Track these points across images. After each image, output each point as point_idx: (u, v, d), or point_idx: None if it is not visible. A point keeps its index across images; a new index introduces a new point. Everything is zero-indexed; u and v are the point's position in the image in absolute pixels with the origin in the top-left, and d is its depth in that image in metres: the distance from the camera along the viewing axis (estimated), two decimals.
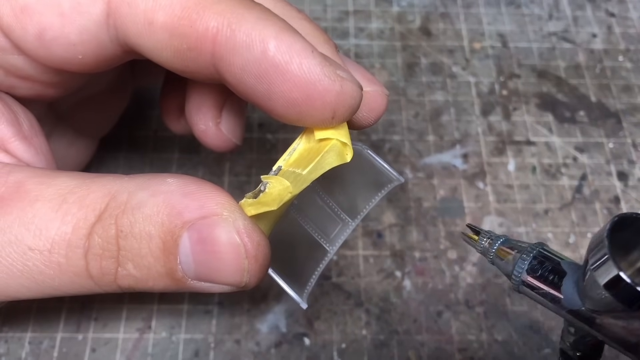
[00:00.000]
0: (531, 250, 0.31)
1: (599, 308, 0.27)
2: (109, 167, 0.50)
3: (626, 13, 0.61)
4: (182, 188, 0.27)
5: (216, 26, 0.26)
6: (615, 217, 0.26)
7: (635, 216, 0.26)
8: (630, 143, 0.53)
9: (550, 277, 0.30)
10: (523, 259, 0.30)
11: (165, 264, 0.27)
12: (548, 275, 0.30)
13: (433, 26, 0.60)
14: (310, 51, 0.26)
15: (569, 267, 0.29)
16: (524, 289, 0.31)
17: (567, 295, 0.29)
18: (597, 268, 0.26)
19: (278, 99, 0.27)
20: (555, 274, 0.30)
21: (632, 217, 0.26)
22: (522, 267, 0.30)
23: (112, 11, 0.28)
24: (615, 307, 0.26)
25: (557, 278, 0.29)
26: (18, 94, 0.33)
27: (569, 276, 0.29)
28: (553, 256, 0.30)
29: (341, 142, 0.29)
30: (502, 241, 0.33)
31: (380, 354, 0.43)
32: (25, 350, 0.42)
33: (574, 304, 0.29)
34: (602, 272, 0.26)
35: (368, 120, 0.32)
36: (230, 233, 0.27)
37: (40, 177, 0.29)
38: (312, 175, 0.28)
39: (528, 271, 0.30)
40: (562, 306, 0.29)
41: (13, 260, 0.27)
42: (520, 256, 0.31)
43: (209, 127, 0.38)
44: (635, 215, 0.26)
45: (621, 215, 0.26)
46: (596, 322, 0.28)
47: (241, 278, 0.28)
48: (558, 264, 0.30)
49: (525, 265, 0.30)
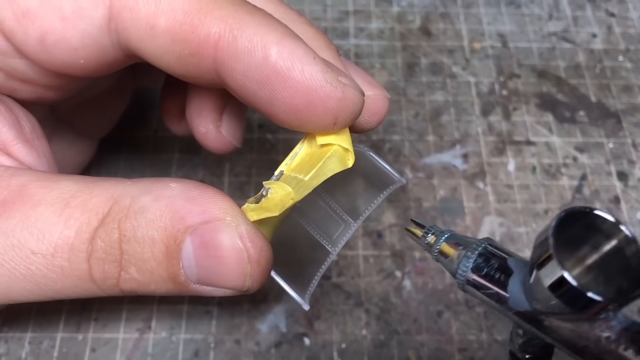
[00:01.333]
0: (476, 247, 0.29)
1: (545, 310, 0.26)
2: (109, 167, 0.50)
3: (626, 13, 0.61)
4: (184, 193, 0.27)
5: (218, 32, 0.26)
6: (562, 211, 0.24)
7: (584, 210, 0.25)
8: (630, 143, 0.53)
9: (496, 275, 0.28)
10: (468, 257, 0.29)
11: (167, 268, 0.27)
12: (494, 273, 0.28)
13: (433, 26, 0.60)
14: (312, 57, 0.26)
15: (516, 265, 0.28)
16: (469, 288, 0.29)
17: (514, 296, 0.27)
18: (542, 268, 0.24)
19: (280, 105, 0.27)
20: (501, 273, 0.28)
21: (581, 212, 0.25)
22: (467, 265, 0.29)
23: (113, 16, 0.28)
24: (562, 310, 0.24)
25: (503, 277, 0.28)
26: (20, 97, 0.33)
27: (515, 275, 0.28)
28: (500, 253, 0.29)
29: (343, 148, 0.29)
30: (447, 237, 0.31)
31: (380, 354, 0.43)
32: (25, 350, 0.42)
33: (521, 305, 0.27)
34: (547, 273, 0.24)
35: (370, 124, 0.33)
36: (233, 238, 0.27)
37: (42, 181, 0.29)
38: (314, 182, 0.28)
39: (473, 269, 0.29)
40: (509, 307, 0.28)
41: (16, 264, 0.27)
42: (465, 253, 0.29)
43: (210, 130, 0.38)
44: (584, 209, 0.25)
45: (569, 209, 0.25)
46: (544, 324, 0.27)
47: (243, 282, 0.28)
48: (505, 262, 0.28)
49: (470, 263, 0.29)
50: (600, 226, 0.25)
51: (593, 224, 0.25)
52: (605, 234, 0.25)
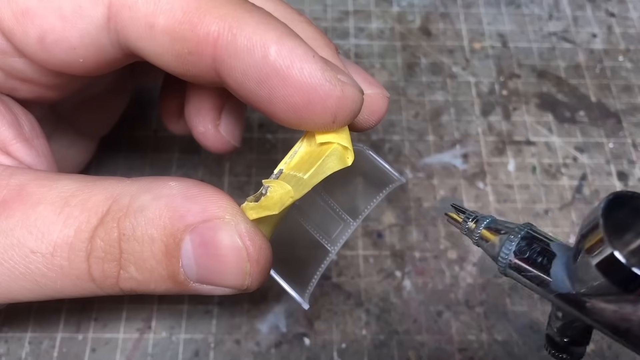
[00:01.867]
0: (519, 231, 0.29)
1: (590, 291, 0.26)
2: (108, 167, 0.50)
3: (626, 13, 0.61)
4: (184, 191, 0.27)
5: (217, 30, 0.26)
6: (610, 195, 0.25)
7: (631, 195, 0.25)
8: (630, 143, 0.53)
9: (538, 259, 0.28)
10: (510, 240, 0.29)
11: (167, 267, 0.27)
12: (537, 257, 0.28)
13: (433, 26, 0.60)
14: (312, 56, 0.26)
15: (558, 249, 0.28)
16: (510, 272, 0.29)
17: (557, 278, 0.27)
18: (591, 248, 0.24)
19: (279, 104, 0.27)
20: (544, 256, 0.28)
21: (628, 196, 0.25)
22: (509, 248, 0.29)
23: (113, 15, 0.28)
24: (608, 290, 0.24)
25: (546, 260, 0.28)
26: (19, 96, 0.33)
27: (558, 258, 0.28)
28: (542, 237, 0.29)
29: (342, 146, 0.29)
30: (488, 222, 0.31)
31: (380, 354, 0.43)
32: (25, 350, 0.42)
33: (564, 288, 0.27)
34: (595, 253, 0.24)
35: (369, 123, 0.33)
36: (233, 236, 0.27)
37: (42, 180, 0.29)
38: (313, 180, 0.28)
39: (515, 253, 0.29)
40: (551, 290, 0.28)
41: (15, 263, 0.27)
42: (507, 237, 0.29)
43: (208, 130, 0.38)
44: (632, 194, 0.25)
45: (616, 193, 0.25)
46: (586, 307, 0.27)
47: (243, 281, 0.28)
48: (547, 246, 0.28)
49: (513, 246, 0.29)
50: None
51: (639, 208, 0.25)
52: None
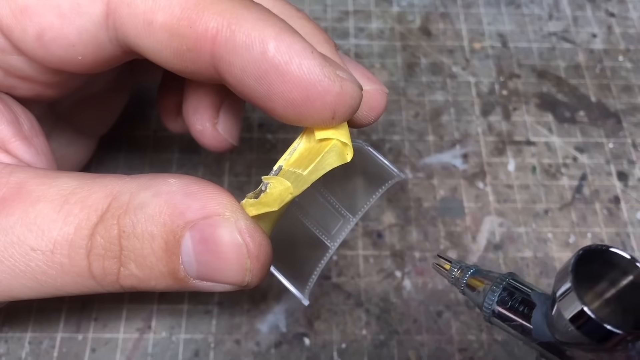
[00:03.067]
0: (501, 282, 0.31)
1: (567, 340, 0.27)
2: (108, 166, 0.50)
3: (626, 13, 0.61)
4: (184, 188, 0.27)
5: (216, 27, 0.26)
6: (580, 250, 0.26)
7: (601, 248, 0.27)
8: (630, 143, 0.53)
9: (520, 308, 0.30)
10: (493, 291, 0.31)
11: (167, 263, 0.27)
12: (518, 306, 0.30)
13: (433, 26, 0.60)
14: (310, 51, 0.26)
15: (538, 298, 0.30)
16: (495, 320, 0.31)
17: (537, 327, 0.29)
18: (563, 301, 0.26)
19: (278, 100, 0.27)
20: (525, 305, 0.30)
21: (599, 250, 0.27)
22: (492, 298, 0.31)
23: (111, 12, 0.28)
24: (582, 341, 0.26)
25: (527, 309, 0.30)
26: (18, 94, 0.33)
27: (538, 307, 0.29)
28: (523, 287, 0.31)
29: (341, 142, 0.29)
30: (473, 272, 0.33)
31: (380, 354, 0.43)
32: (25, 350, 0.42)
33: (544, 336, 0.29)
34: (567, 306, 0.26)
35: (368, 119, 0.32)
36: (233, 233, 0.27)
37: (41, 178, 0.29)
38: (312, 176, 0.28)
39: (498, 302, 0.30)
40: (533, 338, 0.29)
41: (16, 261, 0.27)
42: (490, 287, 0.31)
43: (206, 128, 0.38)
44: (602, 248, 0.27)
45: (586, 248, 0.26)
46: (566, 355, 0.28)
47: (243, 277, 0.28)
48: (528, 295, 0.30)
49: (495, 297, 0.31)
50: (617, 263, 0.27)
51: (610, 260, 0.27)
52: (622, 270, 0.27)
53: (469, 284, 0.33)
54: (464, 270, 0.33)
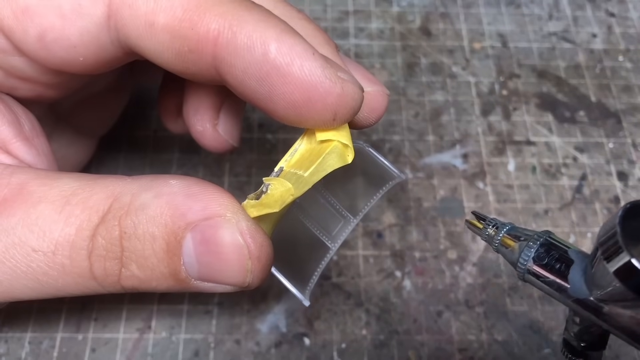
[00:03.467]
0: (538, 238, 0.30)
1: (607, 297, 0.27)
2: (108, 167, 0.50)
3: (626, 13, 0.61)
4: (185, 189, 0.27)
5: (217, 28, 0.26)
6: (627, 204, 0.25)
7: None
8: (630, 143, 0.53)
9: (557, 265, 0.29)
10: (529, 247, 0.30)
11: (168, 264, 0.27)
12: (555, 263, 0.29)
13: (433, 26, 0.60)
14: (312, 53, 0.26)
15: (576, 256, 0.29)
16: (529, 277, 0.30)
17: (574, 284, 0.28)
18: (608, 255, 0.25)
19: (279, 101, 0.27)
20: (562, 263, 0.29)
21: None
22: (528, 255, 0.30)
23: (112, 13, 0.28)
24: (625, 296, 0.25)
25: (564, 267, 0.29)
26: (19, 95, 0.33)
27: (576, 264, 0.29)
28: (560, 244, 0.30)
29: (342, 144, 0.29)
30: (508, 229, 0.32)
31: (380, 354, 0.43)
32: (25, 350, 0.42)
33: (581, 293, 0.28)
34: (613, 260, 0.25)
35: (369, 121, 0.33)
36: (234, 234, 0.27)
37: (42, 179, 0.29)
38: (313, 178, 0.28)
39: (534, 259, 0.30)
40: (569, 295, 0.29)
41: (17, 262, 0.27)
42: (526, 244, 0.30)
43: (206, 129, 0.38)
44: None
45: (633, 202, 0.26)
46: (603, 312, 0.28)
47: (244, 278, 0.28)
48: (565, 252, 0.29)
49: (532, 253, 0.30)
50: None
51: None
52: None
53: (503, 241, 0.32)
54: (499, 227, 0.32)
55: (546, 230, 0.31)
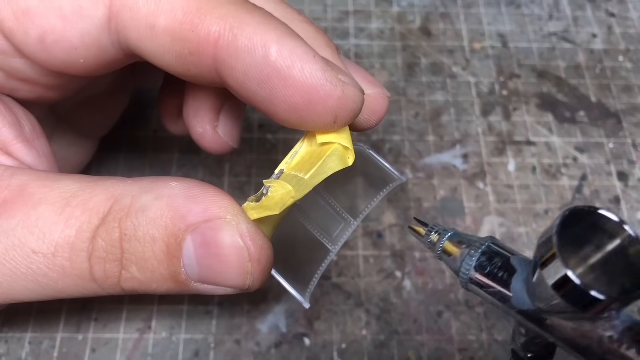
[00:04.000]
0: (479, 246, 0.29)
1: (549, 308, 0.26)
2: (108, 167, 0.50)
3: (626, 13, 0.61)
4: (185, 191, 0.27)
5: (218, 30, 0.26)
6: (566, 210, 0.25)
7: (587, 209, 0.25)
8: (630, 143, 0.53)
9: (499, 274, 0.28)
10: (471, 255, 0.29)
11: (168, 266, 0.27)
12: (497, 272, 0.28)
13: (433, 26, 0.60)
14: (312, 55, 0.26)
15: (519, 263, 0.28)
16: (472, 286, 0.29)
17: (517, 294, 0.27)
18: (546, 267, 0.24)
19: (280, 104, 0.27)
20: (504, 271, 0.28)
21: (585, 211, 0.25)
22: (469, 263, 0.29)
23: (113, 15, 0.28)
24: (565, 308, 0.24)
25: (506, 275, 0.28)
26: (19, 96, 0.33)
27: (518, 273, 0.28)
28: (503, 251, 0.29)
29: (343, 146, 0.29)
30: (450, 235, 0.31)
31: (380, 354, 0.43)
32: (25, 350, 0.42)
33: (524, 304, 0.27)
34: (550, 271, 0.24)
35: (369, 123, 0.33)
36: (234, 236, 0.27)
37: (43, 180, 0.29)
38: (314, 180, 0.28)
39: (476, 268, 0.29)
40: (511, 306, 0.28)
41: (17, 263, 0.27)
42: (468, 252, 0.29)
43: (206, 130, 0.38)
44: (588, 210, 0.25)
45: (572, 208, 0.25)
46: (546, 323, 0.27)
47: (244, 281, 0.28)
48: (508, 260, 0.28)
49: (473, 261, 0.29)
50: (603, 225, 0.25)
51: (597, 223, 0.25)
52: (608, 233, 0.25)
53: (445, 248, 0.31)
54: (441, 233, 0.31)
55: (490, 236, 0.30)
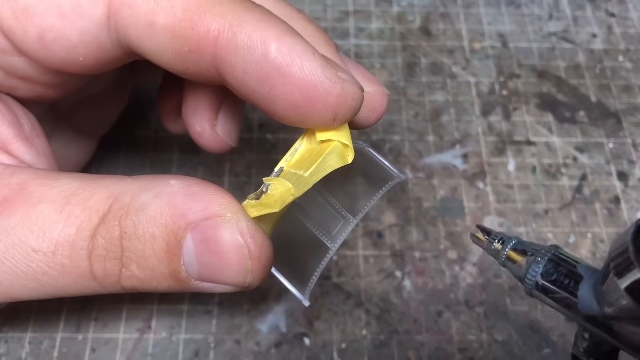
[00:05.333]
0: (545, 253, 0.30)
1: (617, 314, 0.26)
2: (108, 166, 0.50)
3: (626, 13, 0.61)
4: (185, 189, 0.27)
5: (217, 28, 0.26)
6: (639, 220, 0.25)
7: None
8: (630, 143, 0.53)
9: (565, 281, 0.29)
10: (537, 262, 0.30)
11: (169, 265, 0.27)
12: (563, 279, 0.29)
13: (433, 26, 0.60)
14: (312, 53, 0.26)
15: (585, 271, 0.29)
16: (537, 293, 0.30)
17: (584, 300, 0.28)
18: (619, 271, 0.25)
19: (279, 101, 0.27)
20: (571, 278, 0.29)
21: None
22: (536, 270, 0.29)
23: (112, 13, 0.28)
24: (635, 313, 0.25)
25: (573, 282, 0.28)
26: (19, 95, 0.33)
27: (585, 280, 0.28)
28: (568, 259, 0.29)
29: (342, 144, 0.29)
30: (515, 243, 0.32)
31: (380, 354, 0.43)
32: (25, 350, 0.42)
33: (591, 310, 0.28)
34: (624, 276, 0.24)
35: (369, 121, 0.33)
36: (234, 234, 0.27)
37: (43, 179, 0.29)
38: (314, 178, 0.28)
39: (542, 275, 0.29)
40: (578, 311, 0.28)
41: (17, 262, 0.27)
42: (534, 259, 0.30)
43: (205, 129, 0.38)
44: None
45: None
46: (614, 329, 0.27)
47: (244, 278, 0.28)
48: (574, 268, 0.29)
49: (540, 268, 0.29)
50: None
51: None
52: None
53: (509, 256, 0.31)
54: (505, 241, 0.32)
55: (554, 245, 0.30)
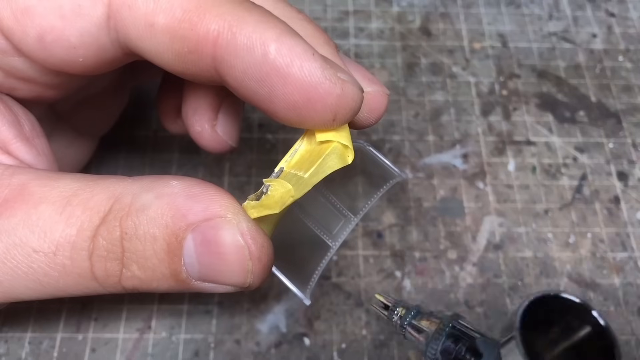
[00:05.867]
0: (444, 327, 0.29)
1: None
2: (108, 167, 0.50)
3: (626, 13, 0.61)
4: (186, 190, 0.27)
5: (217, 29, 0.26)
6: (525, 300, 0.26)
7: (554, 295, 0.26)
8: (630, 143, 0.53)
9: (466, 357, 0.28)
10: (436, 338, 0.29)
11: (169, 265, 0.27)
12: (464, 356, 0.29)
13: (433, 26, 0.60)
14: (311, 54, 0.26)
15: (484, 347, 0.28)
16: None
17: None
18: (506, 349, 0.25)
19: (279, 102, 0.27)
20: (472, 355, 0.28)
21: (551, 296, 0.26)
22: (434, 347, 0.29)
23: (112, 14, 0.28)
24: None
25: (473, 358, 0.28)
26: (19, 95, 0.33)
27: (485, 357, 0.28)
28: (468, 331, 0.29)
29: (342, 145, 0.29)
30: (413, 315, 0.31)
31: (380, 354, 0.43)
32: (25, 350, 0.42)
33: None
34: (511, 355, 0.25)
35: (369, 121, 0.33)
36: (235, 235, 0.27)
37: (43, 179, 0.29)
38: (314, 179, 0.28)
39: (442, 352, 0.29)
40: None
41: (18, 263, 0.27)
42: (432, 335, 0.29)
43: (205, 129, 0.38)
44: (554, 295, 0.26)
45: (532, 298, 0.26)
46: None
47: (245, 279, 0.28)
48: (474, 342, 0.29)
49: (439, 345, 0.29)
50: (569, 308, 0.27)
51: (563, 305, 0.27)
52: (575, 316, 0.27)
53: (410, 328, 0.31)
54: (404, 315, 0.32)
55: (454, 314, 0.30)
